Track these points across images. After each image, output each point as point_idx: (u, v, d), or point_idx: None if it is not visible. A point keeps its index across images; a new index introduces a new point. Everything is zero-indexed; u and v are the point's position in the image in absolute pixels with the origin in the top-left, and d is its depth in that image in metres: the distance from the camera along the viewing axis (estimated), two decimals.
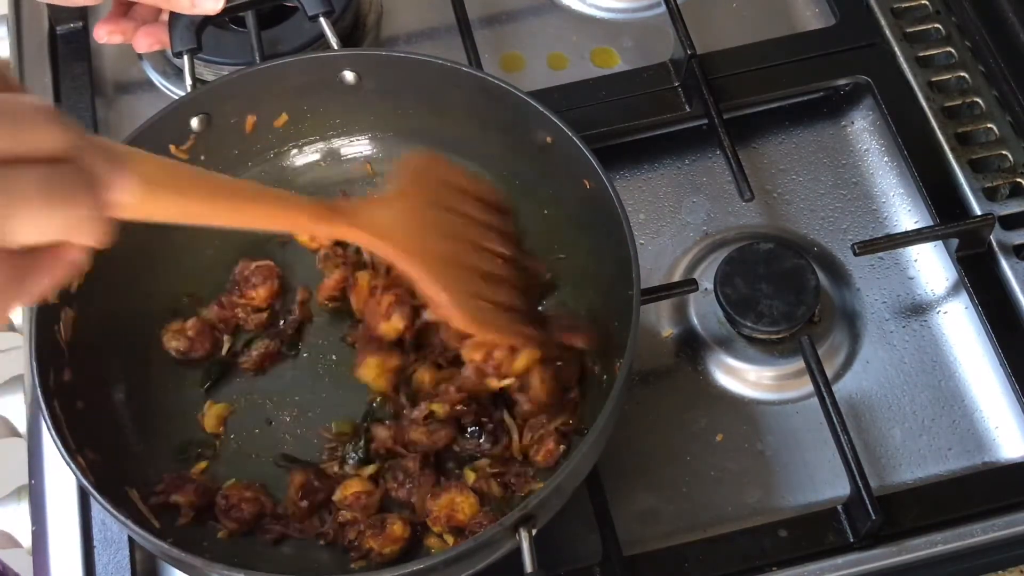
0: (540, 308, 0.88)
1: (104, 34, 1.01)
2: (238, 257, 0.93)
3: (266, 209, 0.69)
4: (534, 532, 0.74)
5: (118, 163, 0.55)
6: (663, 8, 1.08)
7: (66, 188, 0.52)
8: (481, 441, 0.84)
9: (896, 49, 1.06)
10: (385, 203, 0.77)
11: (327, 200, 0.74)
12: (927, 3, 1.09)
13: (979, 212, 0.97)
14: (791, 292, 0.93)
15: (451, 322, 0.77)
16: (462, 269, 0.77)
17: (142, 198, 0.57)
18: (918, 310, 0.97)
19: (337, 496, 0.84)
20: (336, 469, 0.86)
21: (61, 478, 0.90)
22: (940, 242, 0.98)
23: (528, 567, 0.72)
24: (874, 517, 0.83)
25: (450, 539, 0.81)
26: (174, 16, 0.96)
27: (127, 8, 1.02)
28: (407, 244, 0.74)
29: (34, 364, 0.79)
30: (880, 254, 0.98)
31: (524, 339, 0.81)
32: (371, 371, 0.85)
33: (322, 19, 0.96)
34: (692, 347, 0.96)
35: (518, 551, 0.74)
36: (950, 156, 1.00)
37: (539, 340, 0.82)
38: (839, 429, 0.85)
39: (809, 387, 0.90)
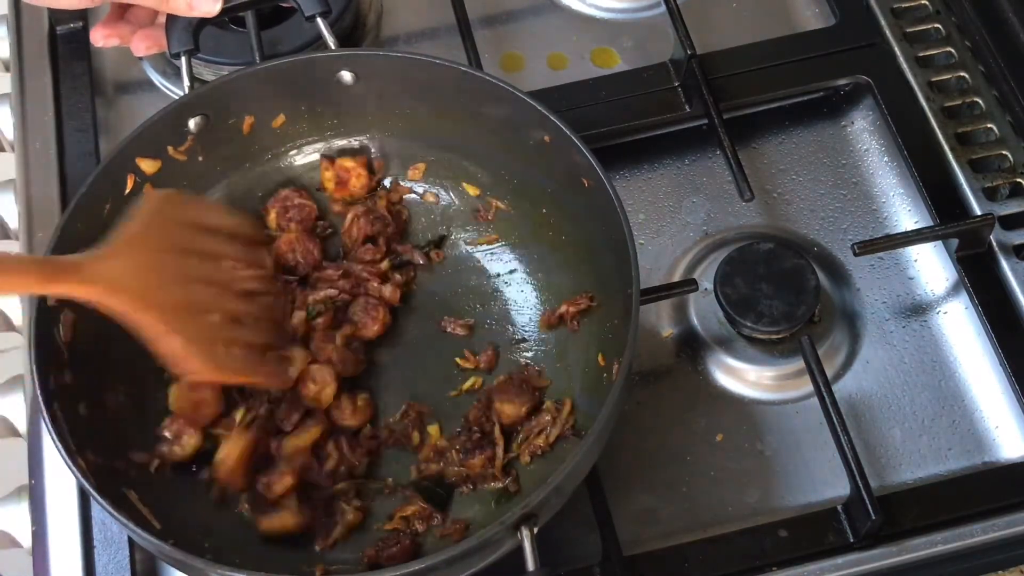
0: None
1: (101, 37, 1.01)
2: None
3: None
4: (535, 530, 0.74)
5: None
6: (663, 8, 1.08)
7: None
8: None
9: (896, 49, 1.06)
10: (115, 252, 0.73)
11: (51, 258, 0.72)
12: (927, 3, 1.09)
13: (979, 212, 0.97)
14: (791, 292, 0.93)
15: (189, 373, 0.76)
16: (201, 314, 0.75)
17: None
18: (918, 310, 0.97)
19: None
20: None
21: (61, 478, 0.90)
22: (940, 242, 0.98)
23: (530, 565, 0.72)
24: (874, 517, 0.83)
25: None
26: (171, 17, 0.96)
27: (124, 11, 1.02)
28: (140, 296, 0.72)
29: (34, 367, 0.79)
30: (880, 254, 0.98)
31: (266, 377, 0.81)
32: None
33: (319, 20, 0.96)
34: (692, 347, 0.96)
35: (518, 551, 0.74)
36: (950, 156, 1.00)
37: (280, 377, 0.82)
38: (839, 429, 0.85)
39: (809, 387, 0.90)
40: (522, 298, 0.94)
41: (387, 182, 0.97)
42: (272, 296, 0.81)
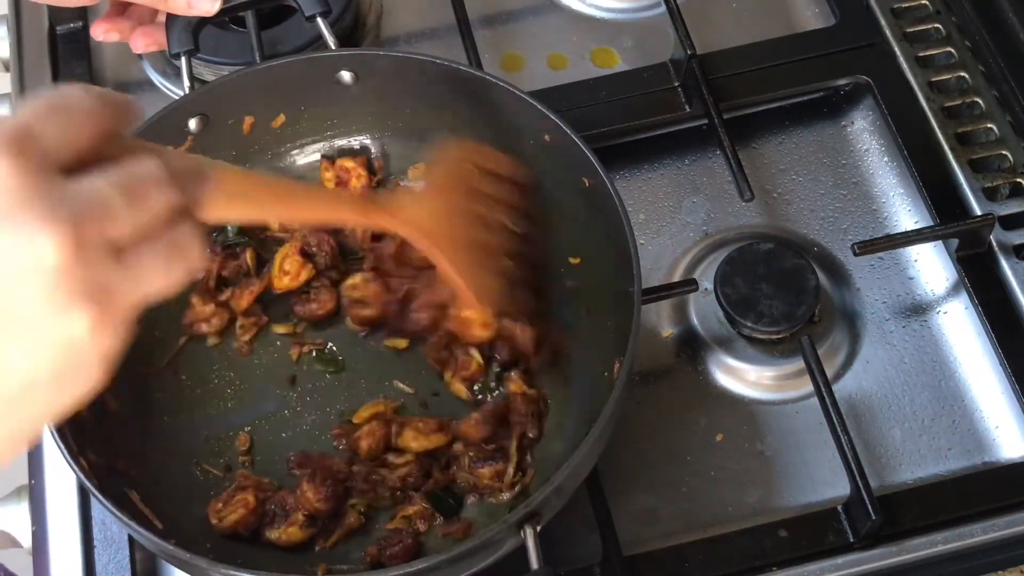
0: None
1: (101, 32, 1.01)
2: None
3: (318, 206, 0.75)
4: (538, 529, 0.74)
5: (207, 183, 0.60)
6: (663, 8, 1.08)
7: (183, 250, 0.56)
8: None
9: (896, 49, 1.06)
10: (419, 197, 0.85)
11: (372, 196, 0.85)
12: (927, 3, 1.09)
13: (979, 212, 0.97)
14: (791, 292, 0.93)
15: (467, 303, 0.85)
16: (479, 251, 0.83)
17: (225, 210, 0.63)
18: (918, 310, 0.97)
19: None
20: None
21: (61, 478, 0.90)
22: (940, 242, 0.98)
23: (534, 564, 0.72)
24: (874, 517, 0.83)
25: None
26: (171, 17, 0.96)
27: (125, 7, 1.02)
28: (435, 235, 0.80)
29: None
30: (880, 254, 0.98)
31: (517, 310, 0.88)
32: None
33: (319, 20, 0.96)
34: (692, 347, 0.96)
35: (519, 551, 0.74)
36: (950, 156, 1.00)
37: (531, 311, 0.89)
38: (839, 429, 0.85)
39: (809, 387, 0.90)
40: None
41: (387, 182, 0.97)
42: (525, 234, 0.89)
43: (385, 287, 0.90)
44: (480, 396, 0.89)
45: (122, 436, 0.85)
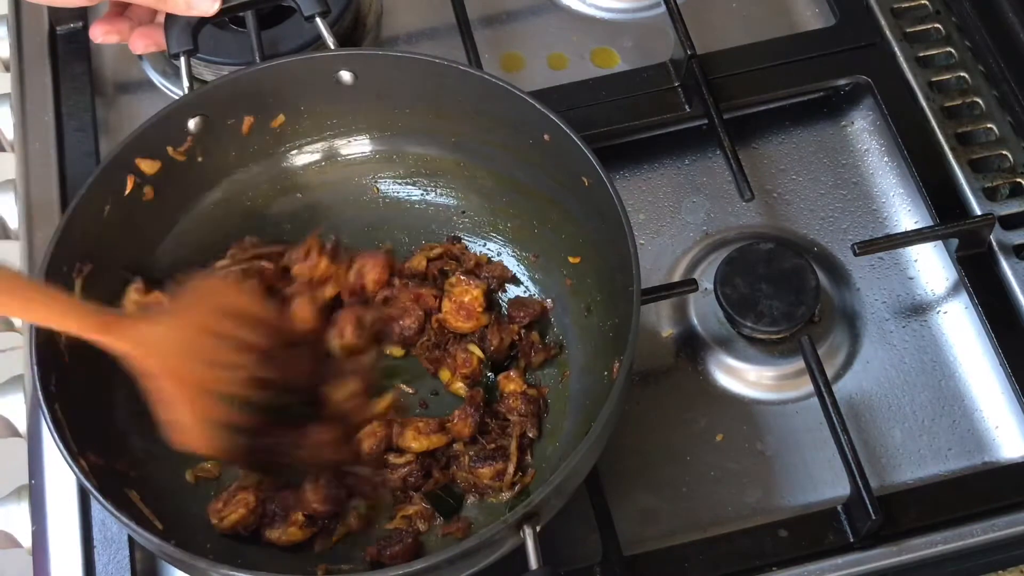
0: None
1: (100, 34, 1.01)
2: None
3: (41, 311, 0.76)
4: (538, 529, 0.74)
5: None
6: (663, 8, 1.08)
7: None
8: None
9: (896, 49, 1.06)
10: (159, 321, 0.81)
11: (103, 311, 0.78)
12: (927, 3, 1.09)
13: (979, 212, 0.97)
14: (791, 292, 0.93)
15: (181, 445, 0.80)
16: (211, 394, 0.80)
17: None
18: (918, 310, 0.97)
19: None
20: None
21: (61, 478, 0.90)
22: (940, 242, 0.98)
23: (533, 563, 0.72)
24: (874, 517, 0.83)
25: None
26: (170, 18, 0.96)
27: (123, 8, 1.01)
28: (169, 365, 0.78)
29: (35, 368, 0.79)
30: (880, 254, 0.98)
31: (245, 465, 0.85)
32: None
33: (319, 20, 0.96)
34: (692, 347, 0.96)
35: (519, 550, 0.74)
36: (950, 156, 1.00)
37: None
38: (839, 429, 0.85)
39: (809, 387, 0.90)
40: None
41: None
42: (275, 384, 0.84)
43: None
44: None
45: (122, 436, 0.85)
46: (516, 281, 0.94)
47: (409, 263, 0.94)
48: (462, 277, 0.92)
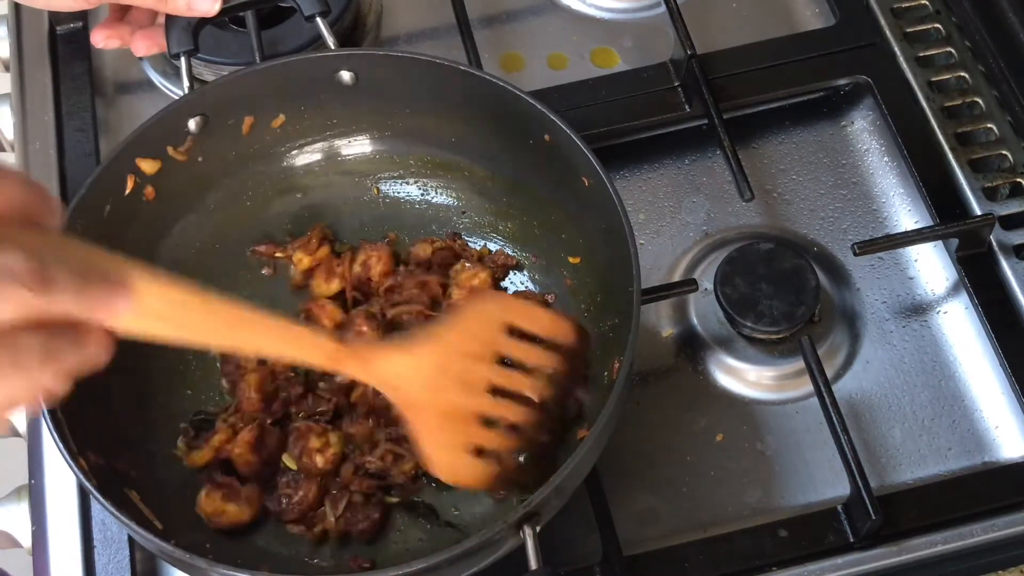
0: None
1: (101, 39, 1.01)
2: None
3: (276, 343, 0.69)
4: (538, 529, 0.74)
5: (119, 295, 0.57)
6: (663, 8, 1.08)
7: (60, 351, 0.55)
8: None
9: (896, 49, 1.06)
10: (406, 351, 0.74)
11: (343, 341, 0.73)
12: (927, 3, 1.09)
13: (979, 212, 0.97)
14: (791, 292, 0.93)
15: (433, 473, 0.78)
16: (465, 423, 0.75)
17: (140, 327, 0.59)
18: (918, 310, 0.97)
19: None
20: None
21: (61, 478, 0.90)
22: (940, 242, 0.98)
23: (533, 564, 0.72)
24: (874, 517, 0.83)
25: None
26: (170, 18, 0.96)
27: (124, 12, 1.01)
28: (415, 400, 0.74)
29: None
30: (880, 254, 0.98)
31: (499, 487, 0.80)
32: None
33: (319, 20, 0.96)
34: (692, 347, 0.96)
35: (519, 550, 0.74)
36: (950, 156, 1.00)
37: (520, 484, 0.80)
38: (839, 429, 0.85)
39: (809, 387, 0.90)
40: None
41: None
42: (549, 406, 0.79)
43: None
44: None
45: (122, 436, 0.85)
46: (520, 267, 0.94)
47: (414, 250, 0.94)
48: (467, 265, 0.92)
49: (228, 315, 0.66)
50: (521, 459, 0.77)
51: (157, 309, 0.60)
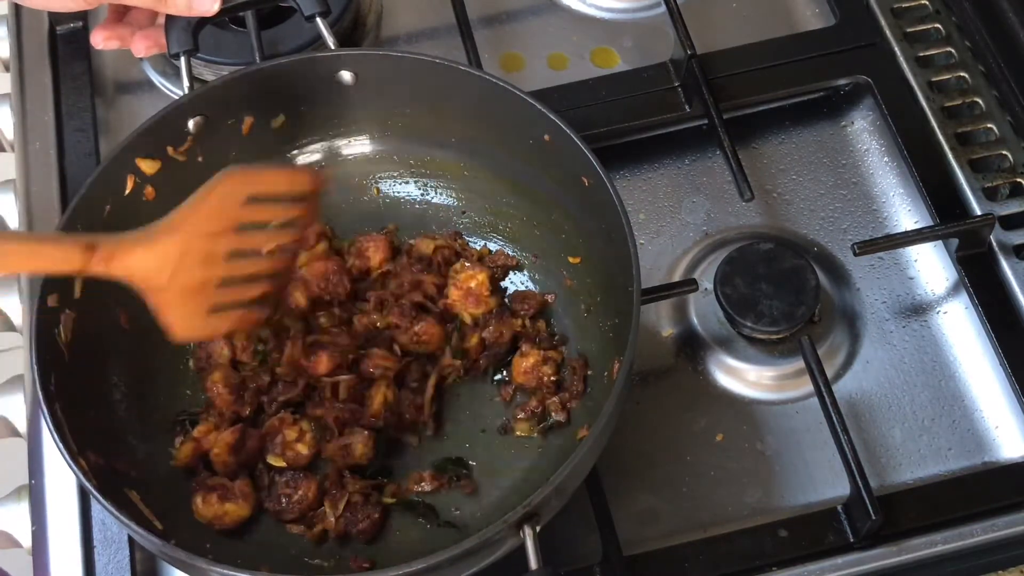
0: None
1: (101, 40, 1.01)
2: None
3: (24, 260, 0.74)
4: (537, 529, 0.74)
5: None
6: (663, 8, 1.08)
7: None
8: None
9: (896, 49, 1.06)
10: (149, 243, 0.77)
11: (86, 242, 0.75)
12: (927, 3, 1.09)
13: (979, 212, 0.97)
14: (791, 292, 0.93)
15: (178, 340, 0.82)
16: (205, 290, 0.79)
17: None
18: (918, 310, 0.97)
19: None
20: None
21: (61, 478, 0.90)
22: (940, 242, 0.98)
23: (533, 564, 0.73)
24: (874, 517, 0.83)
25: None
26: (170, 18, 0.96)
27: (123, 13, 1.01)
28: (161, 283, 0.77)
29: (35, 368, 0.79)
30: (880, 254, 0.98)
31: (237, 326, 0.84)
32: None
33: (319, 20, 0.96)
34: (692, 347, 0.96)
35: (519, 550, 0.74)
36: (950, 156, 1.00)
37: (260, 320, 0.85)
38: (839, 429, 0.85)
39: (809, 387, 0.90)
40: None
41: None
42: (291, 255, 0.84)
43: None
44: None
45: (122, 436, 0.85)
46: (519, 267, 0.94)
47: (416, 244, 0.94)
48: (467, 264, 0.92)
49: None
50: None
51: None
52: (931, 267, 0.98)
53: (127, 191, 0.88)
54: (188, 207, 0.78)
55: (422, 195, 0.98)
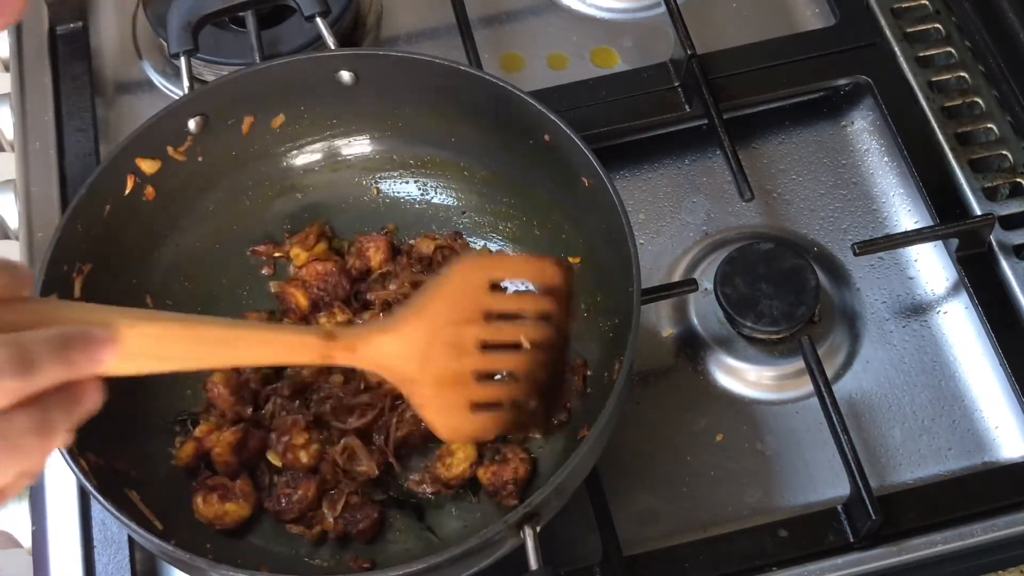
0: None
1: None
2: None
3: (263, 351, 0.70)
4: (538, 529, 0.74)
5: (103, 341, 0.58)
6: (663, 8, 1.08)
7: (55, 421, 0.57)
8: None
9: (896, 49, 1.06)
10: (391, 331, 0.73)
11: (330, 334, 0.71)
12: (927, 3, 1.09)
13: (979, 212, 0.97)
14: (791, 292, 0.93)
15: (441, 437, 0.79)
16: (462, 384, 0.75)
17: (131, 369, 0.61)
18: (918, 310, 0.97)
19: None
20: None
21: (61, 478, 0.90)
22: (940, 242, 0.98)
23: (533, 564, 0.73)
24: (874, 517, 0.83)
25: None
26: (171, 17, 0.96)
27: None
28: (410, 375, 0.74)
29: None
30: (880, 254, 0.98)
31: (508, 431, 0.81)
32: None
33: (319, 20, 0.96)
34: (692, 347, 0.96)
35: (519, 550, 0.74)
36: (950, 156, 1.00)
37: (528, 425, 0.80)
38: (839, 429, 0.85)
39: (809, 387, 0.90)
40: None
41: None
42: (550, 350, 0.78)
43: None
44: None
45: (122, 436, 0.85)
46: None
47: (416, 244, 0.94)
48: None
49: (212, 336, 0.66)
50: (531, 403, 0.78)
51: (142, 348, 0.61)
52: (931, 267, 0.98)
53: (127, 191, 0.88)
54: (427, 293, 0.74)
55: (422, 195, 0.98)
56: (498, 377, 0.77)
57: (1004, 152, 1.01)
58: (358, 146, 0.98)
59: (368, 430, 0.87)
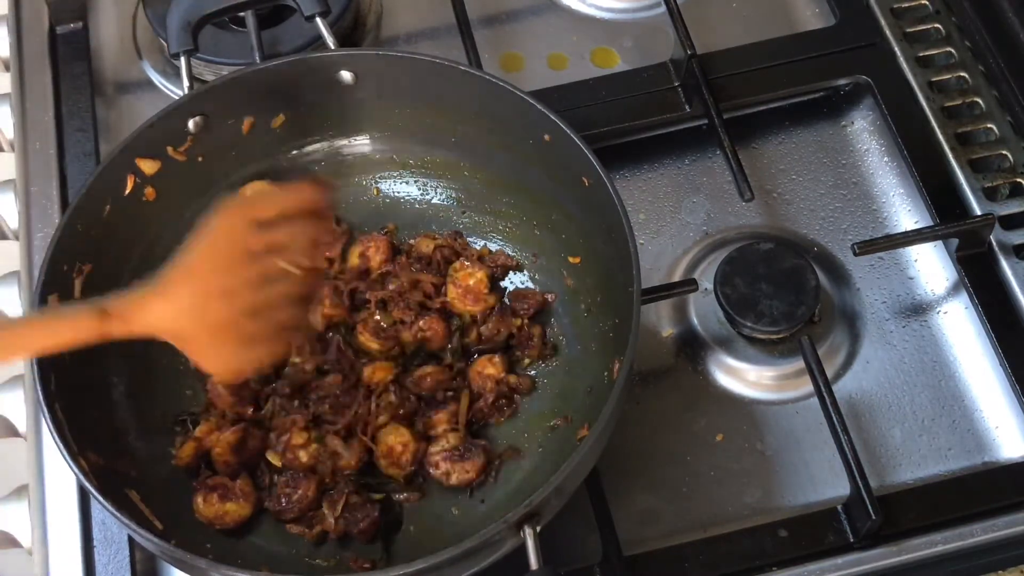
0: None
1: None
2: None
3: (33, 338, 0.71)
4: (538, 529, 0.74)
5: None
6: (663, 8, 1.08)
7: None
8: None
9: (896, 49, 1.06)
10: (160, 293, 0.74)
11: (99, 308, 0.72)
12: (927, 3, 1.09)
13: (979, 212, 0.97)
14: (791, 292, 0.93)
15: (218, 380, 0.85)
16: (232, 326, 0.76)
17: None
18: (918, 310, 0.97)
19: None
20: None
21: (61, 478, 0.90)
22: (940, 242, 0.98)
23: (533, 563, 0.73)
24: (874, 517, 0.83)
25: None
26: (171, 17, 0.96)
27: None
28: (185, 332, 0.75)
29: (35, 368, 0.79)
30: (880, 254, 0.98)
31: (275, 354, 0.82)
32: None
33: (319, 20, 0.96)
34: (692, 347, 0.96)
35: (517, 551, 0.74)
36: (950, 156, 1.00)
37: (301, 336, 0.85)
38: (839, 429, 0.85)
39: (809, 387, 0.90)
40: None
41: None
42: (317, 271, 0.80)
43: None
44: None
45: (122, 436, 0.85)
46: (519, 267, 0.94)
47: (416, 244, 0.94)
48: (466, 263, 0.92)
49: None
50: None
51: None
52: (931, 267, 0.98)
53: (127, 191, 0.88)
54: (192, 247, 0.75)
55: (422, 195, 0.98)
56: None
57: (1004, 152, 1.01)
58: (358, 146, 0.98)
59: (353, 426, 0.87)
